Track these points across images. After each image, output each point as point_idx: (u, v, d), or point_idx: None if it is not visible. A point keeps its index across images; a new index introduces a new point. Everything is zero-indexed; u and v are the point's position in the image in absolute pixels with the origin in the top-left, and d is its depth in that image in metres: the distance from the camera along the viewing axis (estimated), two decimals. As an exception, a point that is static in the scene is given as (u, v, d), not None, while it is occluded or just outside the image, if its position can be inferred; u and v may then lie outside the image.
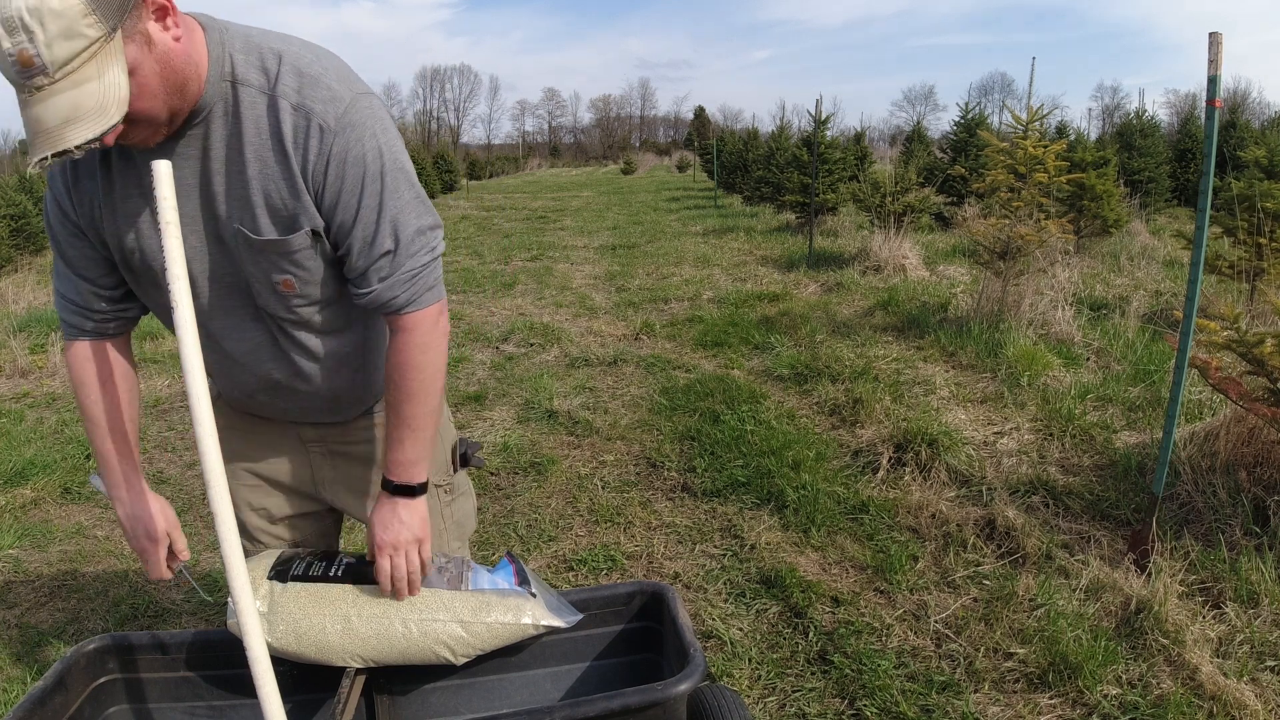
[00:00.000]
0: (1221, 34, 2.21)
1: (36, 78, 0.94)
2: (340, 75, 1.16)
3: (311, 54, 1.16)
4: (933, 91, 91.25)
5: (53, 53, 0.93)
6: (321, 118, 1.12)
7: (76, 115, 0.97)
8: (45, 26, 0.92)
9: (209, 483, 1.13)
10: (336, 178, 1.14)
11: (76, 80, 0.96)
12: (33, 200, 12.13)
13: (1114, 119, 50.48)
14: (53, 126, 0.97)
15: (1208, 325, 2.79)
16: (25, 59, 0.92)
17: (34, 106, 0.96)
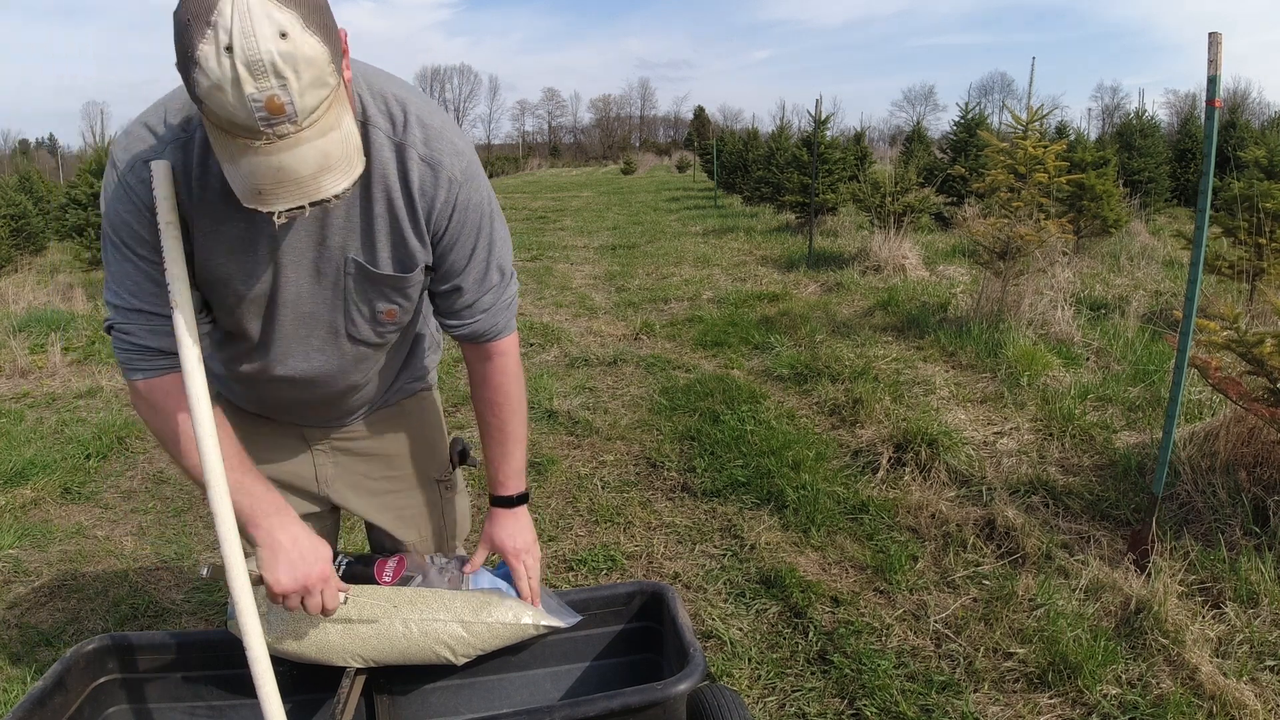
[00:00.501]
0: (1221, 34, 2.21)
1: (282, 125, 0.91)
2: (453, 128, 1.21)
3: (427, 105, 1.20)
4: (933, 91, 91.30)
5: (304, 101, 0.90)
6: (449, 170, 1.18)
7: (328, 164, 0.96)
8: (299, 74, 0.89)
9: (209, 483, 1.13)
10: (459, 224, 1.22)
11: (322, 129, 0.94)
12: (33, 200, 12.13)
13: (1114, 119, 50.52)
14: (306, 176, 0.95)
15: (1207, 325, 2.79)
16: (275, 106, 0.89)
17: (279, 154, 0.92)
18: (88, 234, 7.92)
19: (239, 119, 0.90)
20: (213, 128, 0.95)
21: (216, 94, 0.89)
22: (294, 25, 0.89)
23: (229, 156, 0.95)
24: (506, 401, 1.41)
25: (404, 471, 1.56)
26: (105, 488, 3.58)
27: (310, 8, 0.91)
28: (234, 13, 0.86)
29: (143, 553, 2.98)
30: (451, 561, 1.51)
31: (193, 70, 0.89)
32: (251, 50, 0.87)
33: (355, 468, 1.53)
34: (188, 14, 0.89)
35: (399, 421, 1.54)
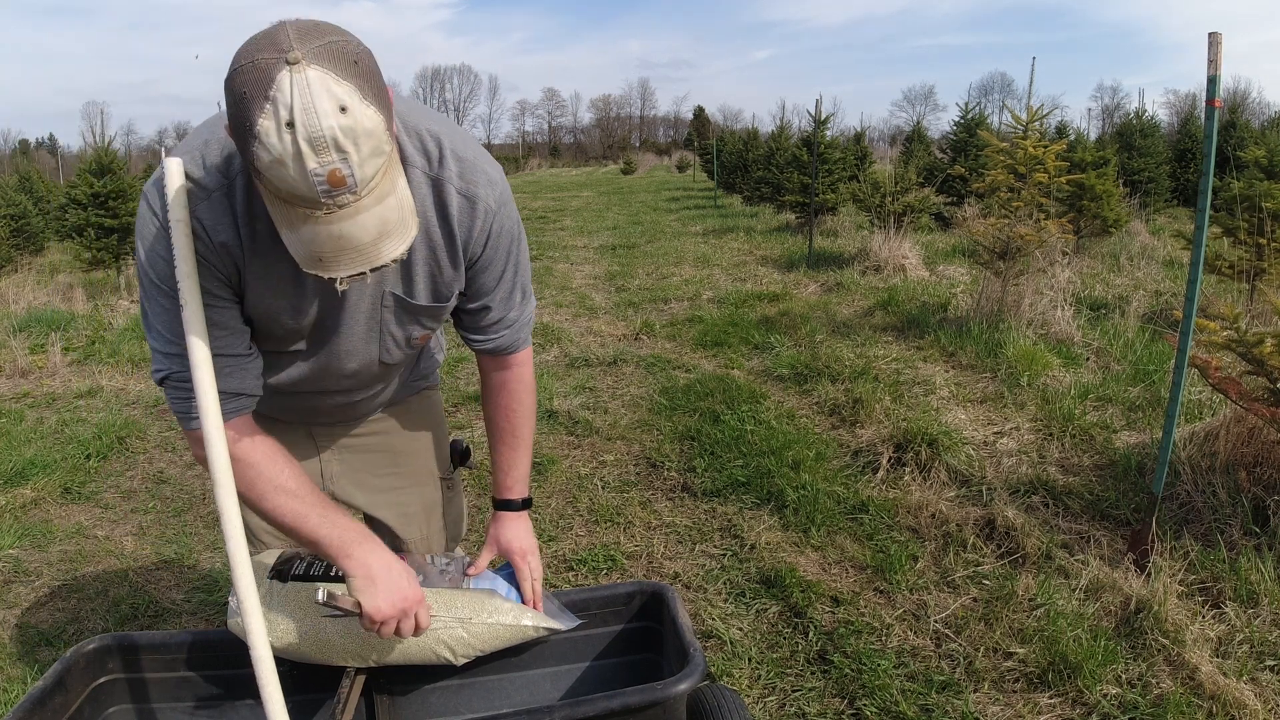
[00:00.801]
0: (1221, 34, 2.21)
1: (342, 195, 0.91)
2: (485, 157, 1.23)
3: (459, 136, 1.21)
4: (933, 91, 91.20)
5: (363, 171, 0.91)
6: (485, 201, 1.21)
7: (386, 230, 0.97)
8: (359, 146, 0.89)
9: (216, 482, 1.12)
10: (492, 249, 1.26)
11: (379, 195, 0.95)
12: (33, 200, 12.14)
13: (1114, 119, 50.51)
14: (366, 243, 0.96)
15: (1207, 325, 2.79)
16: (337, 179, 0.89)
17: (339, 223, 0.93)
18: (88, 234, 7.92)
19: (300, 191, 0.90)
20: (271, 196, 0.95)
21: (278, 168, 0.89)
22: (352, 97, 0.89)
23: (288, 224, 0.96)
24: (520, 408, 1.46)
25: (408, 468, 1.58)
26: (105, 488, 3.58)
27: (365, 76, 0.92)
28: (294, 88, 0.87)
29: (143, 553, 2.98)
30: (452, 562, 1.51)
31: (252, 144, 0.89)
32: (313, 126, 0.87)
33: (360, 464, 1.54)
34: (244, 86, 0.88)
35: (404, 419, 1.56)
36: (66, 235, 8.85)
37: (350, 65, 0.91)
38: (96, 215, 7.91)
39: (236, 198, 1.10)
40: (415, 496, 1.59)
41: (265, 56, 0.88)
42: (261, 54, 0.89)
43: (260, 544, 1.52)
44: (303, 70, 0.87)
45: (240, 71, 0.89)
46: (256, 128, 0.88)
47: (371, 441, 1.54)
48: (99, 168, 8.07)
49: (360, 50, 0.94)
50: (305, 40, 0.90)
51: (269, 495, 1.20)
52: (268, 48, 0.89)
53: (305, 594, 1.35)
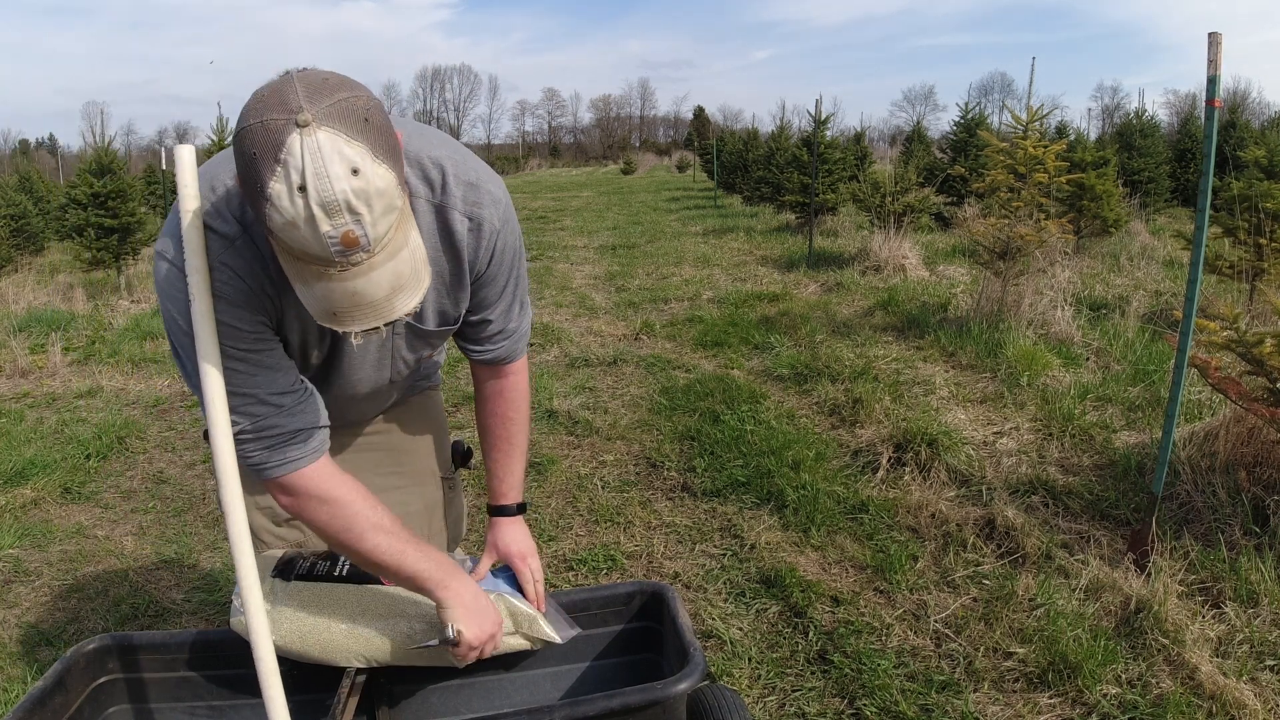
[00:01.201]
0: (1221, 34, 2.21)
1: (356, 255, 0.91)
2: (488, 176, 1.23)
3: (461, 158, 1.21)
4: (933, 91, 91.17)
5: (376, 230, 0.91)
6: (490, 221, 1.22)
7: (399, 284, 0.97)
8: (372, 207, 0.89)
9: (222, 484, 1.11)
10: (496, 265, 1.27)
11: (391, 251, 0.94)
12: (33, 200, 12.14)
13: (1114, 119, 50.49)
14: (380, 299, 0.96)
15: (1207, 325, 2.79)
16: (350, 240, 0.89)
17: (352, 280, 0.93)
18: (88, 234, 7.92)
19: (314, 251, 0.90)
20: (283, 252, 0.95)
21: (291, 230, 0.89)
22: (364, 159, 0.88)
23: (301, 279, 0.96)
24: (517, 416, 1.47)
25: (409, 468, 1.58)
26: (105, 488, 3.58)
27: (376, 133, 0.91)
28: (304, 152, 0.86)
29: (143, 552, 2.98)
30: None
31: (264, 205, 0.89)
32: (325, 191, 0.86)
33: (362, 463, 1.54)
34: (254, 146, 0.87)
35: (406, 418, 1.57)
36: (66, 235, 8.86)
37: (361, 124, 0.89)
38: (96, 215, 7.91)
39: (259, 240, 1.09)
40: (416, 496, 1.59)
41: (274, 117, 0.87)
42: (271, 114, 0.87)
43: (263, 544, 1.53)
44: (313, 133, 0.86)
45: (249, 131, 0.88)
46: (268, 190, 0.87)
47: (373, 441, 1.54)
48: (99, 168, 8.07)
49: (371, 105, 0.93)
50: (315, 99, 0.88)
51: (369, 534, 1.20)
52: (277, 107, 0.87)
53: (309, 593, 1.35)
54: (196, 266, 1.06)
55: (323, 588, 1.36)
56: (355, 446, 1.53)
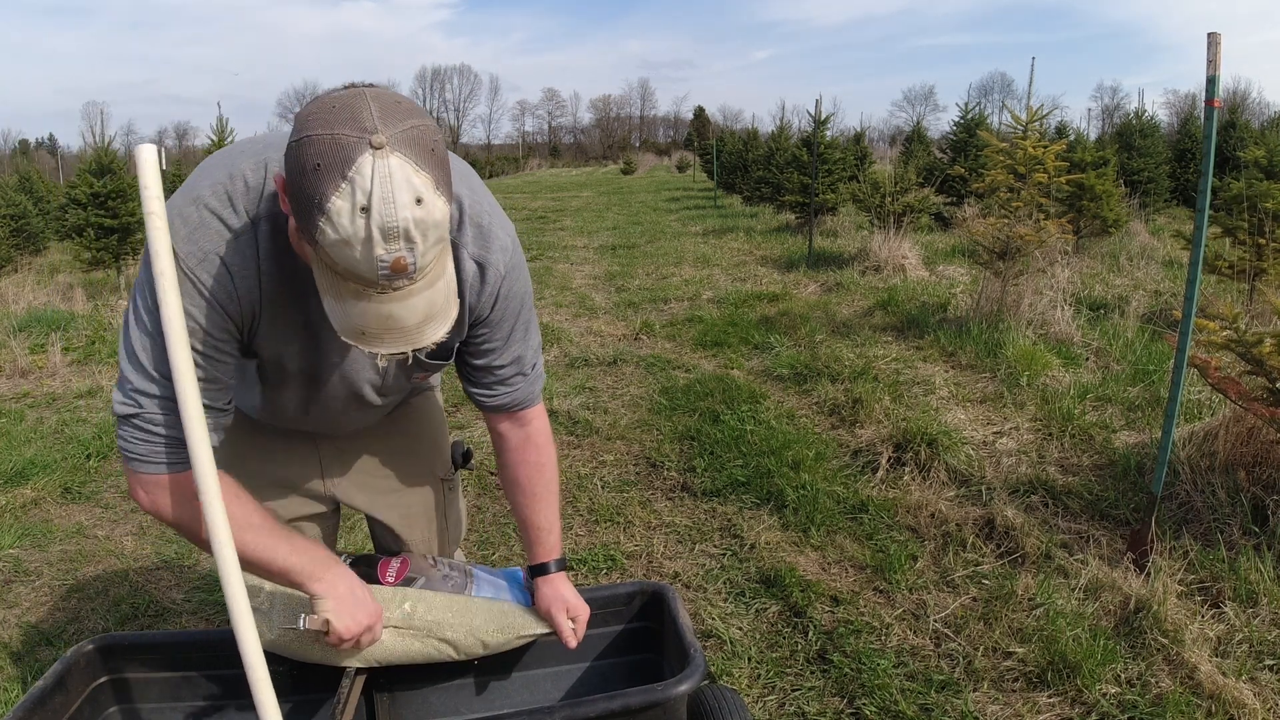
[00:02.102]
0: (1220, 34, 2.21)
1: (400, 280, 0.91)
2: (500, 221, 1.23)
3: (477, 199, 1.20)
4: (932, 92, 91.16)
5: (425, 259, 0.91)
6: (496, 268, 1.21)
7: (432, 313, 0.98)
8: (427, 237, 0.90)
9: (202, 488, 1.10)
10: (500, 311, 1.26)
11: (431, 279, 0.95)
12: (33, 200, 12.13)
13: (1114, 119, 50.45)
14: (412, 325, 0.96)
15: (1207, 325, 2.79)
16: (400, 266, 0.89)
17: (389, 304, 0.93)
18: (88, 234, 7.92)
19: (361, 272, 0.90)
20: (322, 266, 0.94)
21: (343, 248, 0.88)
22: (428, 189, 0.89)
23: (335, 295, 0.95)
24: (548, 462, 1.44)
25: (409, 469, 1.58)
26: (105, 487, 3.58)
27: (439, 165, 0.91)
28: (375, 174, 0.85)
29: (143, 552, 2.98)
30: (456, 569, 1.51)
31: (319, 218, 0.87)
32: (389, 217, 0.86)
33: (362, 465, 1.55)
34: (319, 158, 0.86)
35: (406, 420, 1.57)
36: (66, 235, 8.84)
37: (429, 154, 0.90)
38: (96, 215, 7.91)
39: (260, 246, 1.08)
40: (417, 497, 1.59)
41: (347, 133, 0.86)
42: (343, 129, 0.86)
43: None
44: (386, 156, 0.86)
45: (316, 141, 0.87)
46: (328, 204, 0.86)
47: (373, 443, 1.54)
48: (99, 168, 8.07)
49: (437, 136, 0.93)
50: (390, 122, 0.88)
51: (238, 534, 1.14)
52: (349, 123, 0.87)
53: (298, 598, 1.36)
54: (163, 269, 1.02)
55: None
56: (355, 449, 1.53)
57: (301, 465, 1.51)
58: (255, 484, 1.44)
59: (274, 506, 1.51)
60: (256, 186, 1.07)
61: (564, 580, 1.46)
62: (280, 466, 1.49)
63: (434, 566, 1.51)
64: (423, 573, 1.48)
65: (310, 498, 1.53)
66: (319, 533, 1.59)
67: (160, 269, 1.02)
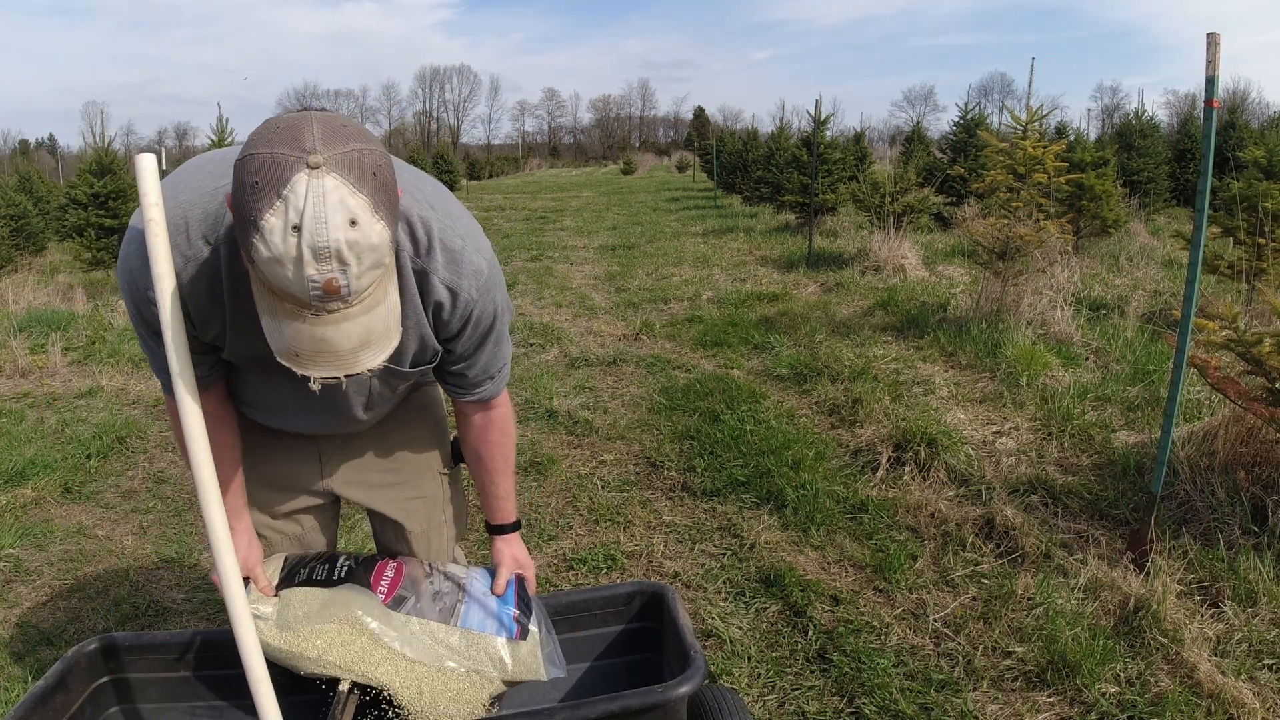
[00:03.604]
0: (1220, 34, 2.21)
1: (334, 303, 0.91)
2: (474, 242, 1.24)
3: (449, 221, 1.21)
4: (932, 92, 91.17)
5: (360, 282, 0.91)
6: (467, 292, 1.23)
7: (368, 339, 0.97)
8: (361, 260, 0.90)
9: (200, 487, 1.11)
10: (472, 331, 1.29)
11: (368, 305, 0.95)
12: (33, 200, 12.13)
13: (1113, 119, 50.40)
14: (346, 350, 0.96)
15: (1206, 325, 2.80)
16: (332, 288, 0.89)
17: (322, 327, 0.93)
18: (88, 234, 7.92)
19: (292, 292, 0.90)
20: (259, 284, 0.95)
21: (275, 266, 0.88)
22: (364, 212, 0.89)
23: (271, 313, 0.96)
24: (508, 440, 1.53)
25: (408, 463, 1.59)
26: (106, 487, 3.58)
27: (381, 189, 0.91)
28: (308, 194, 0.86)
29: (143, 552, 2.98)
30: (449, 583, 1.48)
31: (253, 235, 0.88)
32: (320, 237, 0.87)
33: (360, 461, 1.56)
34: (256, 175, 0.87)
35: (404, 416, 1.58)
36: (67, 235, 8.85)
37: (369, 177, 0.90)
38: (97, 215, 7.91)
39: (221, 266, 1.12)
40: (415, 491, 1.60)
41: (285, 152, 0.87)
42: (282, 148, 0.87)
43: (262, 538, 1.54)
44: (321, 176, 0.87)
45: (255, 160, 0.88)
46: (262, 222, 0.87)
47: (372, 438, 1.55)
48: (99, 168, 8.07)
49: (382, 162, 0.93)
50: (330, 144, 0.88)
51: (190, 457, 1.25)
52: (290, 142, 0.88)
53: (299, 602, 1.35)
54: (162, 274, 1.05)
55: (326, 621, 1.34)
56: (354, 445, 1.54)
57: (301, 460, 1.52)
58: (254, 477, 1.48)
59: (272, 503, 1.53)
60: (215, 213, 1.10)
61: (518, 540, 1.59)
62: (280, 462, 1.50)
63: (428, 578, 1.48)
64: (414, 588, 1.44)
65: (309, 492, 1.54)
66: (317, 525, 1.60)
67: (159, 273, 1.05)
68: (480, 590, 1.50)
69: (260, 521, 1.53)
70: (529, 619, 1.45)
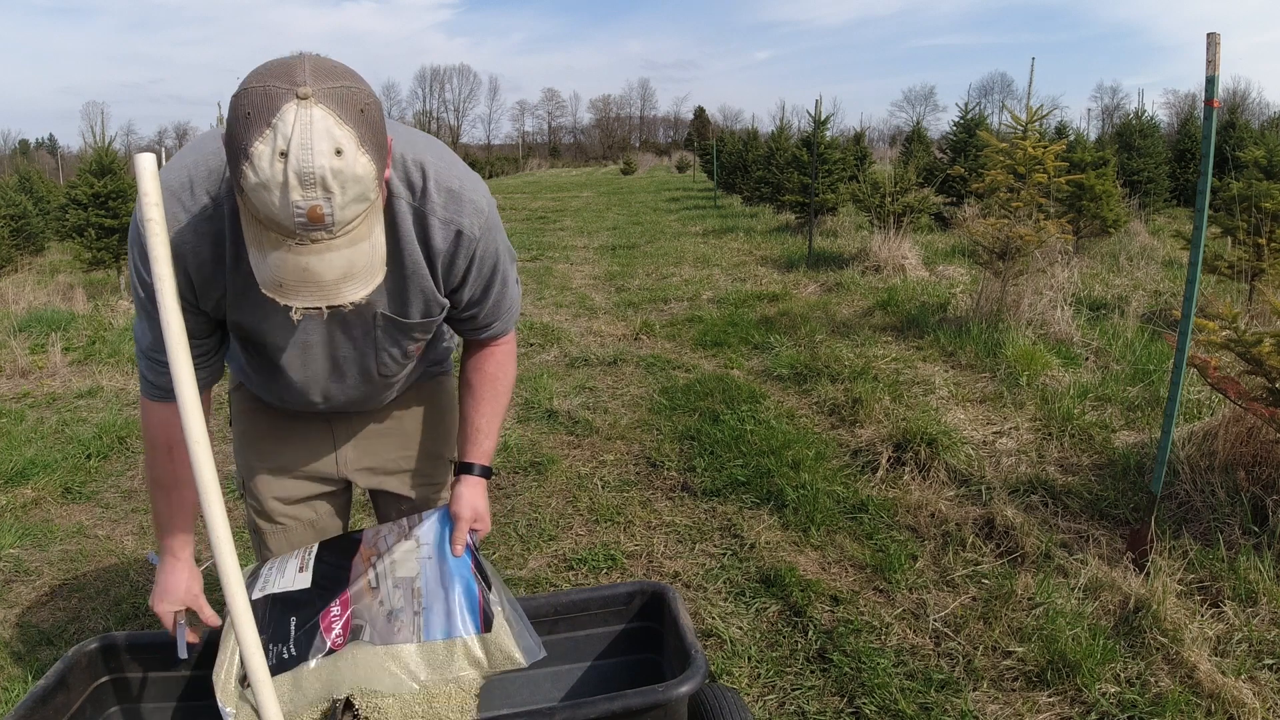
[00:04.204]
0: (1219, 34, 2.21)
1: (317, 232, 0.94)
2: (471, 184, 1.25)
3: (444, 163, 1.22)
4: (933, 92, 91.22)
5: (344, 214, 0.94)
6: (468, 230, 1.24)
7: (352, 272, 0.99)
8: (345, 190, 0.93)
9: (201, 488, 1.12)
10: (477, 272, 1.30)
11: (353, 239, 0.97)
12: (33, 200, 12.13)
13: (1113, 119, 50.39)
14: (328, 281, 0.98)
15: (1206, 325, 2.80)
16: (316, 215, 0.92)
17: (306, 257, 0.96)
18: (88, 234, 7.91)
19: (278, 219, 0.93)
20: (247, 215, 0.98)
21: (262, 191, 0.91)
22: (349, 143, 0.92)
23: (257, 245, 0.98)
24: (504, 377, 1.50)
25: (418, 450, 1.63)
26: (106, 487, 3.58)
27: (368, 125, 0.94)
28: (296, 121, 0.90)
29: (143, 552, 2.98)
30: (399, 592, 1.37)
31: (242, 162, 0.91)
32: (305, 162, 0.90)
33: (373, 448, 1.60)
34: (249, 106, 0.91)
35: (417, 403, 1.62)
36: (67, 235, 8.83)
37: (356, 113, 0.93)
38: (97, 215, 7.91)
39: (224, 224, 1.14)
40: (425, 478, 1.65)
41: (276, 84, 0.91)
42: (274, 81, 0.91)
43: (278, 523, 1.59)
44: (309, 107, 0.90)
45: (248, 92, 0.92)
46: (251, 149, 0.90)
47: (385, 427, 1.59)
48: (99, 168, 8.06)
49: (370, 100, 0.96)
50: (319, 79, 0.92)
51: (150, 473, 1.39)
52: (282, 76, 0.91)
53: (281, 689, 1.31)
54: (163, 274, 1.06)
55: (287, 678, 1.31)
56: (367, 431, 1.58)
57: (316, 448, 1.56)
58: (271, 465, 1.54)
59: (288, 489, 1.58)
60: (218, 169, 1.13)
61: (481, 487, 1.47)
62: (296, 450, 1.55)
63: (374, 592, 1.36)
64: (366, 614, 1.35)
65: (322, 480, 1.59)
66: (331, 510, 1.64)
67: (159, 273, 1.05)
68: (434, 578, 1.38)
69: (276, 509, 1.58)
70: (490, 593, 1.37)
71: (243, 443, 1.58)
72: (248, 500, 1.60)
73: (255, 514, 1.59)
